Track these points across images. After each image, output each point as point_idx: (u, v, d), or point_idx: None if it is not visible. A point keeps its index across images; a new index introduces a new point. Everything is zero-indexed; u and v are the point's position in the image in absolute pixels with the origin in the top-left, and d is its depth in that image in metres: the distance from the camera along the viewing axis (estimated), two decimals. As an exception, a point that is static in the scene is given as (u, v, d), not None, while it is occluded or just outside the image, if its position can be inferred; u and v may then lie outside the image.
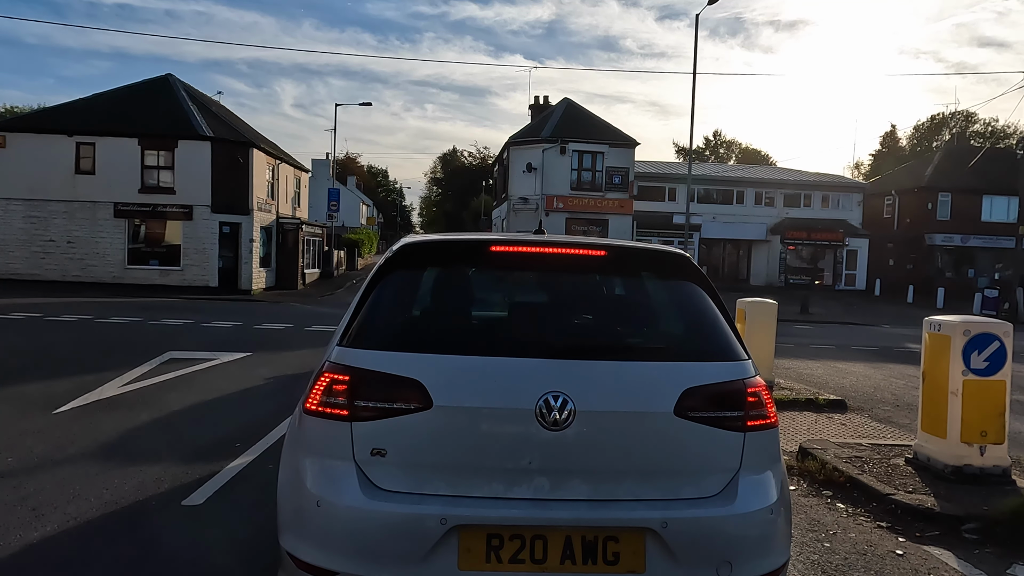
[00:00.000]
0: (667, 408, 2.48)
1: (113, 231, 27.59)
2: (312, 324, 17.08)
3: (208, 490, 4.66)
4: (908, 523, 4.47)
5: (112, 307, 19.67)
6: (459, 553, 2.33)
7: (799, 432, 7.24)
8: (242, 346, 12.30)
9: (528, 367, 2.48)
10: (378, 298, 2.72)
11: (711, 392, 2.54)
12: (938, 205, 42.13)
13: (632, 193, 35.16)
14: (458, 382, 2.47)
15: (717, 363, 2.62)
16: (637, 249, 3.13)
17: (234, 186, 28.26)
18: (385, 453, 2.43)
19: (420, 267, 2.91)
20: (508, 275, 3.16)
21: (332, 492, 2.41)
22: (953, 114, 65.28)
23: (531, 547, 2.35)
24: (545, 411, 2.40)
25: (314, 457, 2.50)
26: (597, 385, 2.48)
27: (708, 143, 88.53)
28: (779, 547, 2.56)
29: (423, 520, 2.33)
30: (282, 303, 25.69)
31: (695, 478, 2.50)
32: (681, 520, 2.39)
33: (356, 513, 2.37)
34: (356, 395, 2.45)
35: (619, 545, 2.37)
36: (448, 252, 3.06)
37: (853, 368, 13.19)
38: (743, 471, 2.54)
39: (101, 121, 27.68)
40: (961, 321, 5.10)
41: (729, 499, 2.48)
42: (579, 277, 2.94)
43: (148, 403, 7.49)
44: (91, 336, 13.41)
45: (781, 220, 41.63)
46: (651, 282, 3.01)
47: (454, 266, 3.02)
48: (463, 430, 2.44)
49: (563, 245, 2.83)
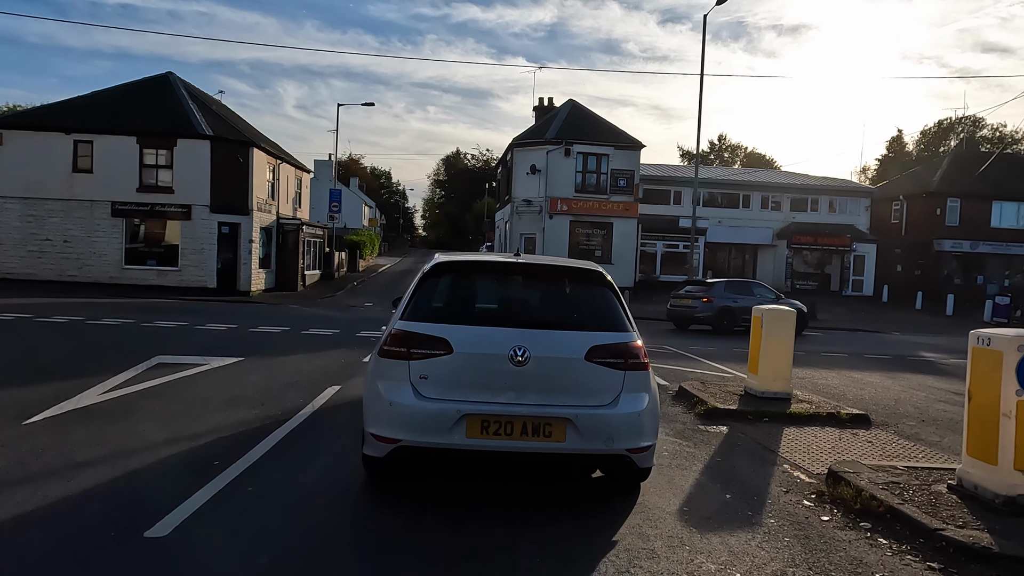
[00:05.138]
0: (581, 356, 4.41)
1: (110, 230, 27.15)
2: (309, 327, 16.60)
3: (176, 518, 4.16)
4: (963, 564, 3.96)
5: (106, 308, 19.22)
6: (466, 429, 4.23)
7: (824, 451, 6.73)
8: (235, 350, 11.83)
9: (506, 332, 4.43)
10: (421, 292, 4.67)
11: (606, 348, 4.46)
12: (947, 211, 41.52)
13: (637, 196, 34.63)
14: (468, 339, 4.39)
15: (612, 332, 4.57)
16: (573, 267, 5.03)
17: (234, 186, 27.82)
18: (427, 377, 4.34)
19: (446, 275, 4.90)
20: (497, 281, 5.24)
21: (398, 397, 4.31)
22: (960, 119, 64.73)
23: (504, 427, 4.24)
24: (514, 355, 4.32)
25: (386, 380, 4.41)
26: (543, 342, 4.40)
27: (713, 147, 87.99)
28: (645, 435, 4.46)
29: (447, 412, 4.23)
30: (281, 305, 25.22)
31: (595, 394, 4.40)
32: (585, 416, 4.29)
33: (411, 408, 4.27)
34: (411, 345, 4.38)
35: (551, 427, 4.26)
36: (462, 267, 5.09)
37: (870, 378, 12.67)
38: (623, 392, 4.43)
39: (99, 119, 27.26)
40: (1015, 335, 4.60)
41: (614, 406, 4.39)
42: (538, 283, 5.13)
43: (127, 413, 7.00)
44: (79, 339, 12.95)
45: (788, 224, 41.06)
46: (579, 287, 5.00)
47: (465, 276, 5.08)
48: (470, 365, 4.35)
49: (529, 264, 4.97)
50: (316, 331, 15.98)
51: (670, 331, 21.04)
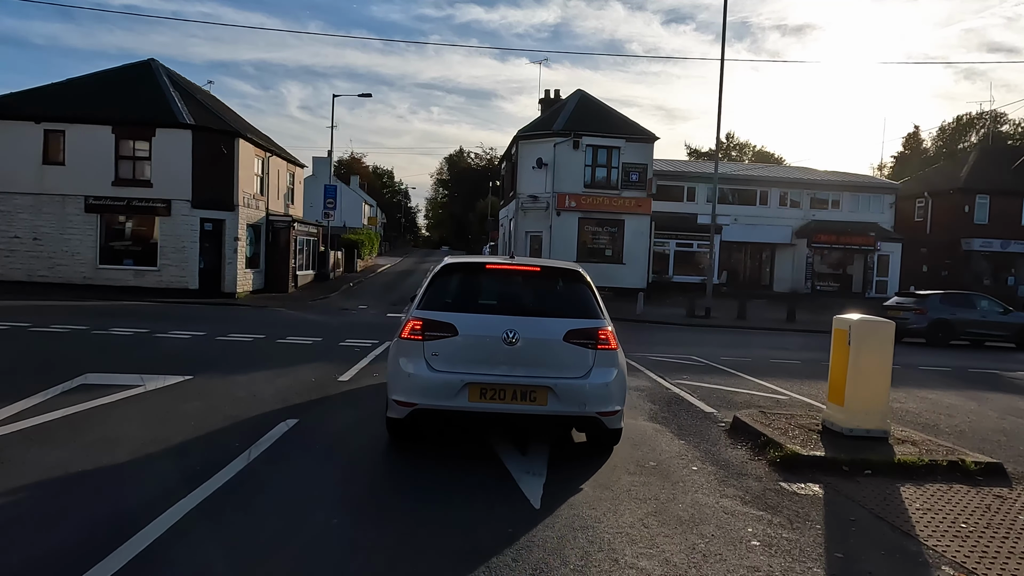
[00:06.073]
0: (559, 337, 5.63)
1: (84, 227, 25.13)
2: (288, 335, 14.54)
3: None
4: None
5: (64, 312, 17.22)
6: (469, 395, 5.48)
7: (982, 533, 4.63)
8: (186, 366, 9.80)
9: (501, 319, 5.68)
10: (433, 288, 5.97)
11: (580, 332, 5.67)
12: (975, 208, 39.36)
13: (651, 191, 32.48)
14: (470, 324, 5.66)
15: (585, 319, 5.78)
16: (556, 267, 6.37)
17: (218, 179, 25.76)
18: (438, 354, 5.59)
19: (454, 273, 6.21)
20: (495, 278, 6.42)
21: (415, 369, 5.57)
22: (980, 114, 62.47)
23: (499, 393, 5.48)
24: (506, 337, 5.54)
25: (406, 356, 5.65)
26: (530, 327, 5.64)
27: (721, 145, 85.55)
28: (613, 401, 5.69)
29: (453, 381, 5.49)
30: (267, 308, 23.18)
31: (571, 368, 5.62)
32: (564, 385, 5.52)
33: (425, 378, 5.53)
34: (425, 329, 5.64)
35: (536, 394, 5.49)
36: (466, 267, 6.34)
37: (946, 399, 10.59)
38: (595, 366, 5.65)
39: (73, 107, 25.25)
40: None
41: (586, 378, 5.61)
42: (528, 280, 6.39)
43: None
44: (5, 350, 10.94)
45: (808, 223, 38.86)
46: (561, 282, 6.29)
47: (469, 274, 6.36)
48: (472, 345, 5.61)
49: (521, 264, 6.27)
50: (294, 339, 13.95)
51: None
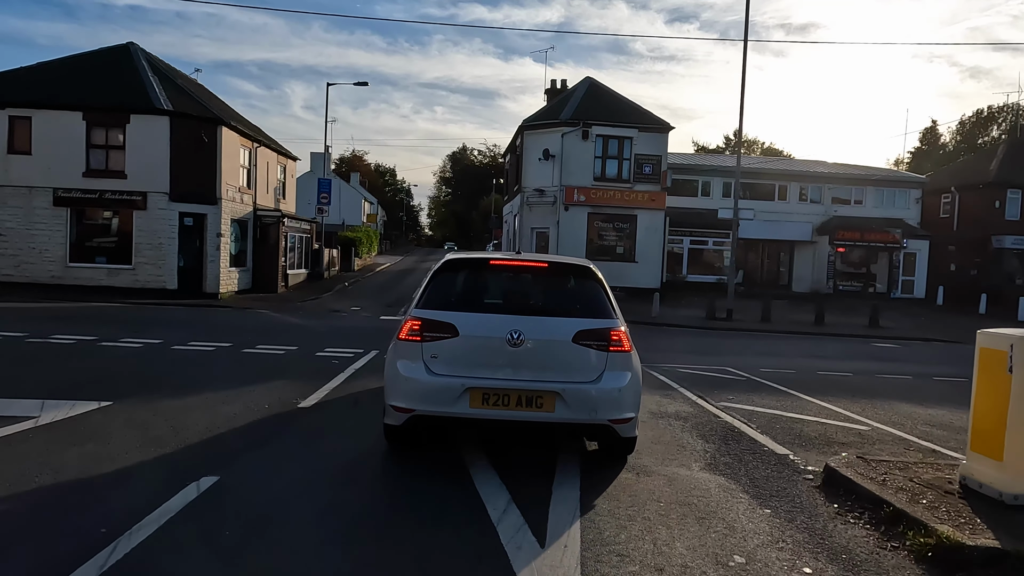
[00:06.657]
0: (568, 339, 5.22)
1: (52, 222, 23.17)
2: (259, 343, 12.52)
3: None
4: None
5: (10, 315, 15.26)
6: (469, 400, 5.10)
7: None
8: (115, 386, 7.82)
9: (505, 318, 5.29)
10: (434, 285, 5.59)
11: (591, 332, 5.27)
12: (1007, 203, 37.15)
13: (665, 185, 30.37)
14: (471, 324, 5.26)
15: (596, 319, 5.37)
16: (564, 263, 5.95)
17: (199, 170, 23.78)
18: (437, 356, 5.20)
19: (455, 270, 5.88)
20: (499, 275, 6.15)
21: (413, 373, 5.18)
22: (1003, 107, 60.21)
23: (502, 399, 5.10)
24: (510, 338, 5.15)
25: (404, 359, 5.27)
26: (536, 327, 5.25)
27: (728, 142, 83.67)
28: (626, 408, 5.26)
29: (453, 386, 5.10)
30: (250, 310, 21.21)
31: (581, 371, 5.23)
32: (572, 390, 5.12)
33: (423, 383, 5.15)
34: (424, 330, 5.25)
35: (542, 399, 5.10)
36: (469, 263, 6.14)
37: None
38: (607, 370, 5.24)
39: (41, 92, 23.31)
40: None
41: (597, 382, 5.21)
42: (535, 276, 6.11)
43: None
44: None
45: (829, 219, 36.72)
46: (571, 279, 5.91)
47: (471, 270, 6.07)
48: (474, 346, 5.21)
49: (528, 260, 5.90)
50: (265, 348, 11.95)
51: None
